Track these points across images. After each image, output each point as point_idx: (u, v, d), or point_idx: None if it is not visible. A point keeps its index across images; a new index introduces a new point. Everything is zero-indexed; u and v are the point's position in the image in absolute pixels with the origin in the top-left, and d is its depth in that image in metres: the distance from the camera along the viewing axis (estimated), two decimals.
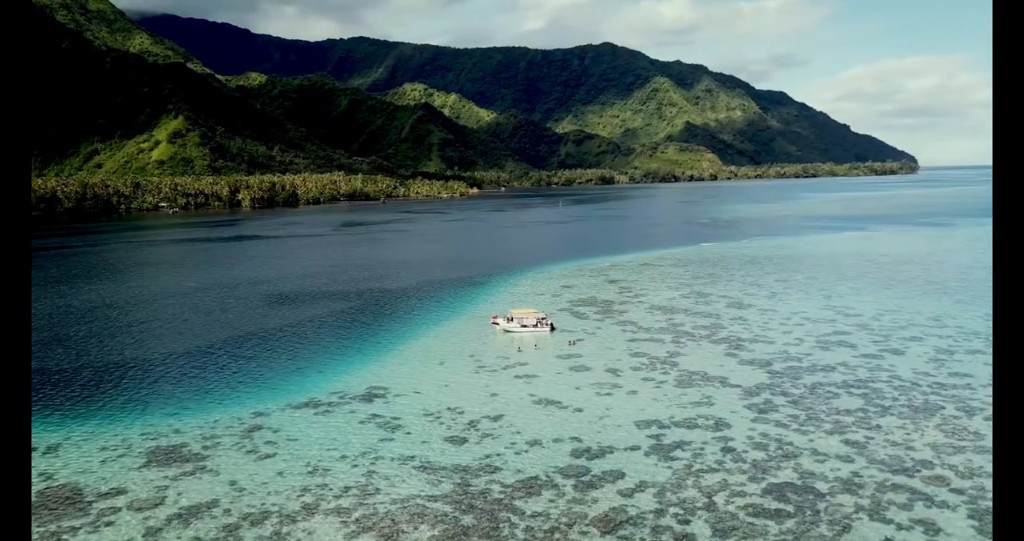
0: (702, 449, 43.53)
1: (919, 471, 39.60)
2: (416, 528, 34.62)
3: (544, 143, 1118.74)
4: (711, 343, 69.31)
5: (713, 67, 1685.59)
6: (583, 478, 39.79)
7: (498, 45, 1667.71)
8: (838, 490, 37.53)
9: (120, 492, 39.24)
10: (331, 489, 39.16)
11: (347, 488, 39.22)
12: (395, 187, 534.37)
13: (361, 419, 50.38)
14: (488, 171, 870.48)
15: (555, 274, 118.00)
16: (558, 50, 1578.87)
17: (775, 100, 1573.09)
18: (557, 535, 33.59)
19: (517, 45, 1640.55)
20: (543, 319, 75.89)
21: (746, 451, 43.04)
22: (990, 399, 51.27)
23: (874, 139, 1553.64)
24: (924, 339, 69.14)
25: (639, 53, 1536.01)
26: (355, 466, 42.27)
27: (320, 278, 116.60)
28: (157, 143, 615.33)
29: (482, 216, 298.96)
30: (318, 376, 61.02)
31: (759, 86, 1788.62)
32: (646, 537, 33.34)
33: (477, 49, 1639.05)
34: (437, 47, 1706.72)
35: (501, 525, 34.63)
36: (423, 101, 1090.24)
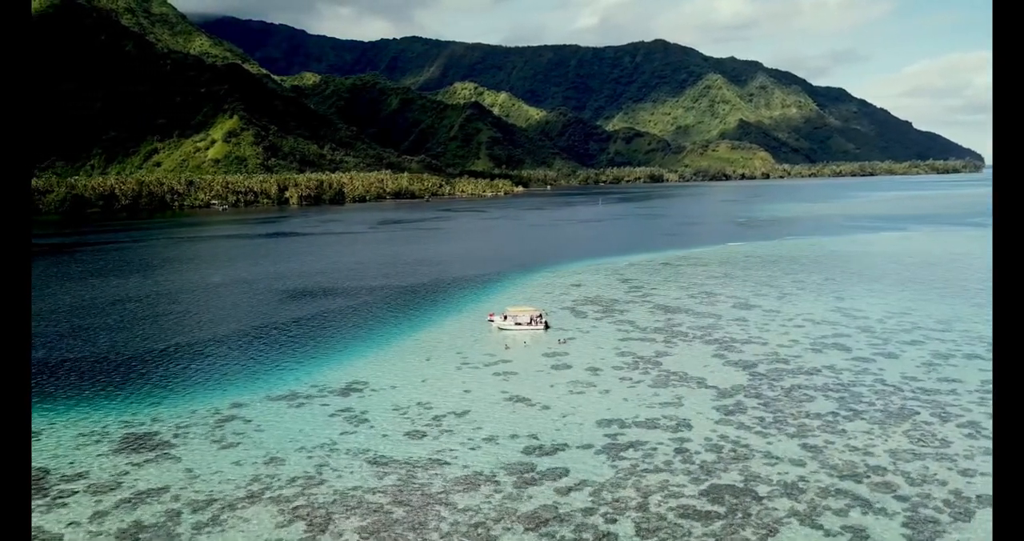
0: (655, 449, 43.31)
1: (868, 477, 38.70)
2: (347, 519, 35.42)
3: (593, 141, 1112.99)
4: (702, 344, 68.53)
5: (769, 63, 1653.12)
6: (526, 475, 40.05)
7: (549, 43, 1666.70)
8: (777, 494, 36.98)
9: (82, 476, 41.10)
10: (279, 479, 40.29)
11: (294, 478, 40.30)
12: (440, 185, 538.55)
13: (331, 412, 51.53)
14: (536, 169, 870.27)
15: (569, 272, 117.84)
16: (609, 48, 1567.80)
17: (833, 97, 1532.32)
18: (480, 530, 33.98)
19: (568, 43, 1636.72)
20: (537, 317, 76.06)
21: (698, 452, 42.67)
22: (970, 405, 49.66)
23: (938, 136, 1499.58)
24: (924, 343, 67.07)
25: (692, 50, 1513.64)
26: (310, 457, 43.35)
27: (338, 274, 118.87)
28: (213, 142, 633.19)
29: (518, 214, 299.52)
30: (304, 369, 62.51)
31: (816, 82, 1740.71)
32: (567, 535, 33.48)
33: (528, 48, 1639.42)
34: (488, 46, 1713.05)
35: (430, 519, 35.17)
36: (473, 100, 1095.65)
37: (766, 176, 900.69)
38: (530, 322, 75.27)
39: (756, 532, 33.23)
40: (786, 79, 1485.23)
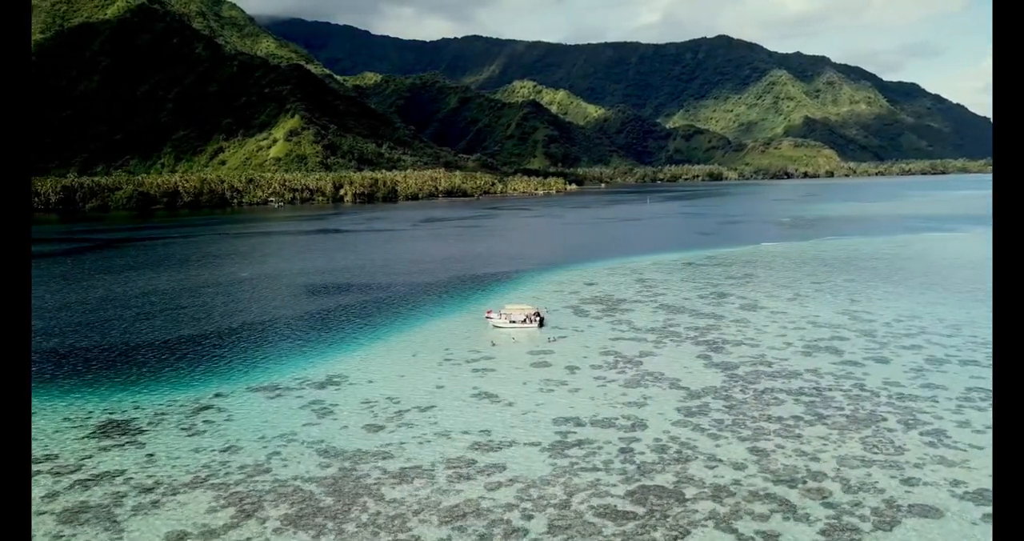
0: (600, 448, 43.33)
1: (804, 483, 37.95)
2: (276, 506, 36.69)
3: (652, 138, 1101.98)
4: (692, 345, 67.73)
5: (837, 59, 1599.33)
6: (462, 470, 40.66)
7: (610, 41, 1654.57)
8: (704, 497, 36.66)
9: (49, 458, 43.55)
10: (229, 466, 41.90)
11: (243, 466, 41.84)
12: (493, 184, 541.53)
13: (302, 404, 53.08)
14: (592, 167, 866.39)
15: (588, 271, 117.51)
16: (671, 44, 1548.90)
17: (905, 92, 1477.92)
18: (396, 522, 34.78)
19: (629, 40, 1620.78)
20: (532, 315, 76.37)
21: (642, 453, 42.52)
22: (943, 413, 47.99)
23: None
24: (923, 348, 64.78)
25: (756, 45, 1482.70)
26: (264, 447, 44.89)
27: (360, 271, 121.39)
28: (275, 141, 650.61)
29: (560, 212, 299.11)
30: (292, 362, 64.40)
31: (888, 78, 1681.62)
32: (479, 529, 33.98)
33: (588, 45, 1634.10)
34: (548, 44, 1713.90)
35: (353, 509, 36.14)
36: (531, 98, 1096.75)
37: (830, 174, 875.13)
38: (525, 320, 75.65)
39: (666, 534, 33.09)
40: (855, 74, 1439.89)
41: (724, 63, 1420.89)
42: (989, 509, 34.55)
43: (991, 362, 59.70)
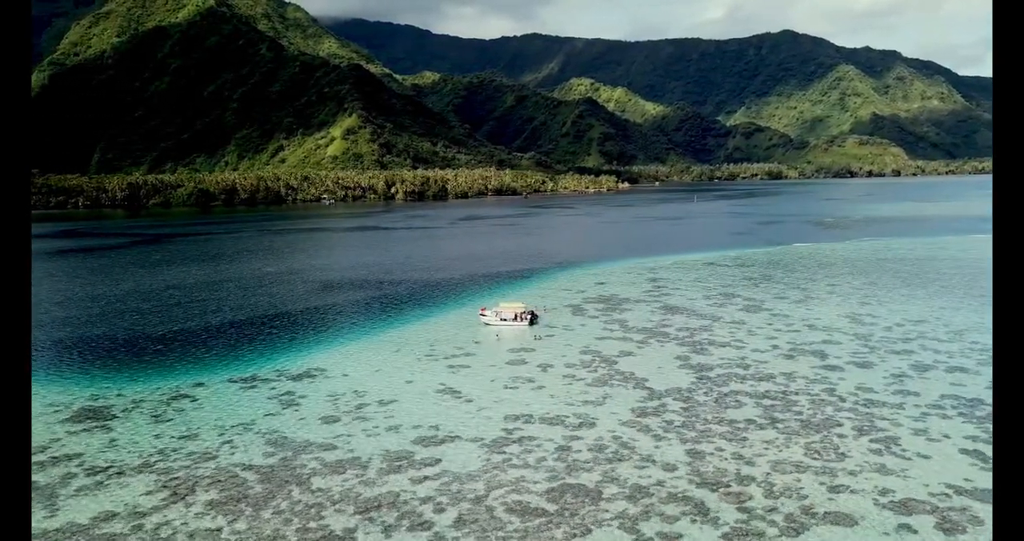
0: (539, 446, 43.56)
1: (729, 487, 37.50)
2: (207, 491, 38.21)
3: (711, 136, 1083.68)
4: (676, 345, 67.04)
5: (910, 53, 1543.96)
6: (396, 462, 41.50)
7: (671, 37, 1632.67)
8: (620, 497, 36.62)
9: None
10: (180, 452, 43.74)
11: (192, 453, 43.62)
12: (543, 182, 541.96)
13: (272, 395, 54.80)
14: (648, 165, 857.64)
15: (602, 270, 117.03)
16: (733, 40, 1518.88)
17: (983, 87, 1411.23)
18: (313, 510, 35.86)
19: (691, 37, 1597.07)
20: (523, 313, 76.73)
21: (579, 451, 42.59)
22: (903, 420, 46.56)
23: None
24: (914, 354, 62.65)
25: (823, 40, 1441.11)
26: (221, 435, 46.65)
27: (378, 268, 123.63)
28: (332, 139, 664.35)
29: (602, 211, 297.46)
30: (276, 355, 66.37)
31: (965, 72, 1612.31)
32: (388, 520, 34.77)
33: (648, 42, 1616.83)
34: (608, 41, 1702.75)
35: (278, 497, 37.38)
36: (588, 96, 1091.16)
37: (897, 173, 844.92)
38: (515, 318, 76.09)
39: (567, 532, 33.24)
40: (928, 69, 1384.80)
41: (788, 59, 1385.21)
42: (906, 519, 33.63)
43: (981, 369, 57.49)
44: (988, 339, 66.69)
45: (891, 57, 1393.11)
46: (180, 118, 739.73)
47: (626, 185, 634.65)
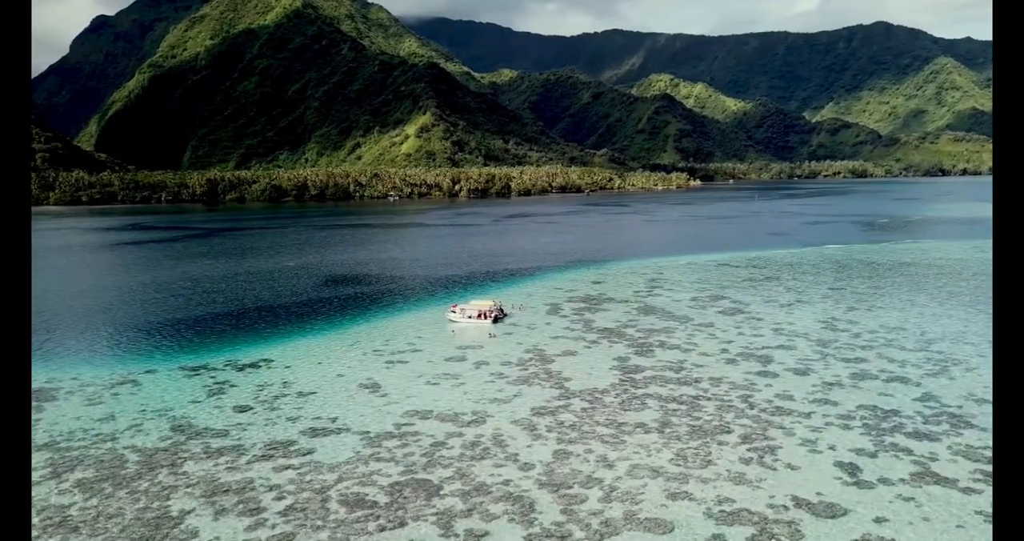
0: (416, 442, 44.28)
1: (570, 488, 37.32)
2: (84, 471, 40.76)
3: (794, 133, 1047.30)
4: (626, 347, 66.30)
5: None
6: (272, 451, 43.12)
7: (757, 31, 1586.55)
8: (455, 494, 37.05)
9: None
10: (87, 433, 46.67)
11: (99, 434, 46.44)
12: (610, 179, 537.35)
13: (208, 383, 57.38)
14: (725, 163, 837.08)
15: (605, 269, 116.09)
16: (822, 33, 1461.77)
17: None
18: (165, 492, 37.81)
19: (777, 30, 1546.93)
20: (488, 311, 77.32)
21: (451, 448, 43.12)
22: (801, 431, 44.98)
23: None
24: (865, 362, 59.92)
25: (919, 32, 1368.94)
26: (134, 419, 49.41)
27: (394, 264, 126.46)
28: (406, 137, 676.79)
29: (655, 209, 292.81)
30: (235, 345, 69.22)
31: None
32: (225, 505, 36.34)
33: (732, 36, 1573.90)
34: (691, 36, 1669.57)
35: (143, 479, 39.47)
36: (667, 92, 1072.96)
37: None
38: (479, 316, 76.81)
39: (380, 525, 34.02)
40: None
41: (881, 51, 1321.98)
42: (724, 529, 32.84)
43: (923, 380, 54.71)
44: (955, 349, 63.29)
45: None
46: (265, 117, 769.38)
47: (698, 183, 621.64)
